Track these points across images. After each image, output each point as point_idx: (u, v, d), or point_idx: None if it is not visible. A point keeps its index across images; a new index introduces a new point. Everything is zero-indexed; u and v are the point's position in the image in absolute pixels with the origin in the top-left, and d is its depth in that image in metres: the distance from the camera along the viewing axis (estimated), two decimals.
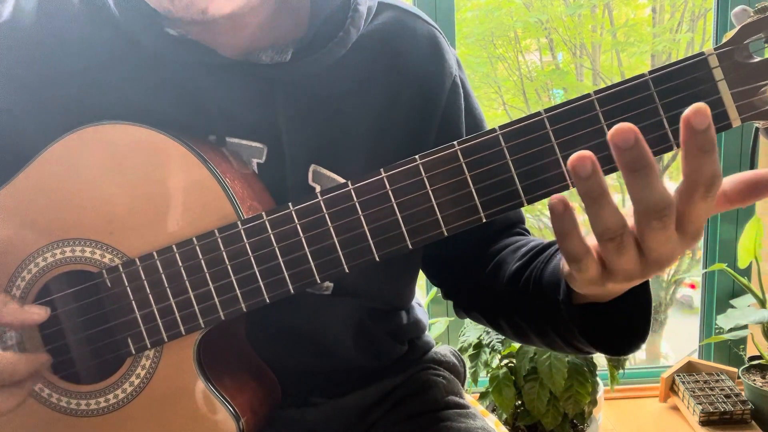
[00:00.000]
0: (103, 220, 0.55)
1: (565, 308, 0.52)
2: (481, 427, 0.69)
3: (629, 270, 0.43)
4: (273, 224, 0.52)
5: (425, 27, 0.68)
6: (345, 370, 0.71)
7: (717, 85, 0.45)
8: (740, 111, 0.45)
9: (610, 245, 0.42)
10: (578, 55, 3.51)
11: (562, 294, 0.51)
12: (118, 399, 0.56)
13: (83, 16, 0.59)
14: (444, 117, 0.67)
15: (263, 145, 0.61)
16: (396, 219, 0.50)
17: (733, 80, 0.45)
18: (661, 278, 3.54)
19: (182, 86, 0.59)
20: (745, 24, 0.45)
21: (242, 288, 0.53)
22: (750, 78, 0.45)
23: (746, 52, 0.45)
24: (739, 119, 0.45)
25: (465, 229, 0.50)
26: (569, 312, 0.52)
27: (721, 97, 0.45)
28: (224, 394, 0.55)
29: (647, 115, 0.46)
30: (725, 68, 0.45)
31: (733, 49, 0.45)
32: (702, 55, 0.45)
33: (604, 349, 0.53)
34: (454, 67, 0.69)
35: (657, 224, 0.40)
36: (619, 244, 0.41)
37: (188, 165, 0.53)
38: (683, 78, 0.45)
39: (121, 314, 0.55)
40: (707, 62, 0.45)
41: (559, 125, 0.47)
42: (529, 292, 0.58)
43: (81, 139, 0.54)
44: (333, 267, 0.52)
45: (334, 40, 0.60)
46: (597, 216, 0.41)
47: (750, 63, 0.45)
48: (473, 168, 0.49)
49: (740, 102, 0.45)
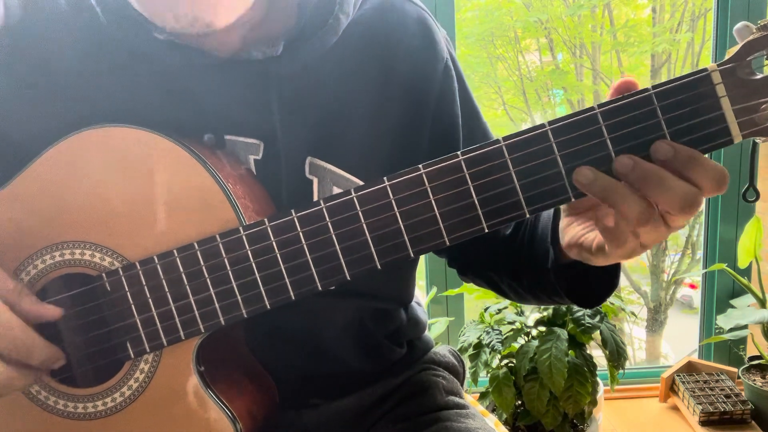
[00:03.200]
0: (103, 223, 0.55)
1: (553, 274, 0.61)
2: (481, 427, 0.69)
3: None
4: (275, 231, 0.52)
5: (414, 9, 0.67)
6: (343, 372, 0.71)
7: (720, 101, 0.45)
8: (742, 127, 0.46)
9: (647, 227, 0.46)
10: (578, 55, 3.50)
11: (550, 262, 0.61)
12: (117, 402, 0.56)
13: (72, 22, 0.58)
14: (438, 102, 0.67)
15: (259, 141, 0.61)
16: (398, 227, 0.50)
17: (736, 97, 0.45)
18: (661, 278, 3.54)
19: (175, 87, 0.59)
20: (748, 41, 0.45)
21: (243, 294, 0.53)
22: (752, 95, 0.45)
23: (748, 69, 0.45)
24: (740, 135, 0.46)
25: (467, 239, 0.50)
26: (556, 276, 0.61)
27: (724, 114, 0.45)
28: (222, 398, 0.55)
29: (650, 130, 0.46)
30: (728, 85, 0.45)
31: (735, 65, 0.45)
32: (705, 71, 0.45)
33: (581, 303, 0.63)
34: (445, 50, 0.68)
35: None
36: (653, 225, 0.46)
37: (190, 169, 0.53)
38: (686, 93, 0.46)
39: (121, 318, 0.55)
40: (710, 78, 0.45)
41: (562, 138, 0.47)
42: (523, 257, 0.67)
43: (82, 141, 0.54)
44: (335, 274, 0.52)
45: (324, 28, 0.60)
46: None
47: (752, 80, 0.45)
48: (476, 178, 0.49)
49: (742, 119, 0.45)
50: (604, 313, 1.53)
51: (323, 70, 0.62)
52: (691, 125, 0.46)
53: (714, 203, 1.95)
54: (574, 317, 1.51)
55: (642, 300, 3.58)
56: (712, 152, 0.48)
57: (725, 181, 0.45)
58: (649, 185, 0.45)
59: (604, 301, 0.61)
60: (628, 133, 0.47)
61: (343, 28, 0.61)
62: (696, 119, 0.46)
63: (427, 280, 1.93)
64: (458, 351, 1.00)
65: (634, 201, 0.45)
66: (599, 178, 0.46)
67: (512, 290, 0.71)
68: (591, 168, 0.47)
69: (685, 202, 0.44)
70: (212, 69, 0.58)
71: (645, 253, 3.24)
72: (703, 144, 0.46)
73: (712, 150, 0.46)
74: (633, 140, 0.47)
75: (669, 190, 0.45)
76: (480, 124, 0.72)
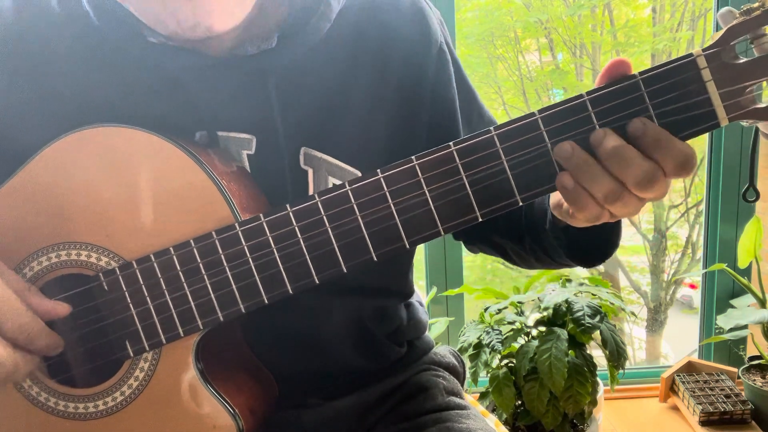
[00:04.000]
0: (98, 222, 0.55)
1: (551, 235, 0.61)
2: (481, 428, 0.69)
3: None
4: (271, 226, 0.52)
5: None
6: (343, 372, 0.71)
7: (706, 85, 0.47)
8: (728, 110, 0.47)
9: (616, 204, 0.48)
10: (578, 55, 3.50)
11: (548, 224, 0.61)
12: (117, 402, 0.56)
13: (65, 23, 0.58)
14: (434, 87, 0.67)
15: (251, 135, 0.61)
16: (393, 219, 0.51)
17: (721, 81, 0.46)
18: (661, 278, 3.54)
19: (168, 88, 0.59)
20: (732, 26, 0.46)
21: (240, 289, 0.53)
22: (737, 78, 0.46)
23: (733, 53, 0.46)
24: (726, 118, 0.47)
25: (461, 229, 0.51)
26: (555, 236, 0.61)
27: (710, 97, 0.47)
28: (223, 394, 0.55)
29: (638, 115, 0.47)
30: (713, 69, 0.46)
31: (720, 50, 0.46)
32: (691, 56, 0.47)
33: (583, 263, 0.64)
34: (439, 33, 0.68)
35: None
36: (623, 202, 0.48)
37: (185, 167, 0.53)
38: (673, 78, 0.47)
39: (119, 317, 0.55)
40: (696, 63, 0.46)
41: (552, 126, 0.48)
42: (523, 219, 0.67)
43: (76, 141, 0.54)
44: (331, 267, 0.52)
45: (316, 15, 0.60)
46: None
47: (737, 64, 0.46)
48: (469, 168, 0.50)
49: (728, 102, 0.47)
50: (604, 313, 1.53)
51: (318, 59, 0.62)
52: (678, 108, 0.47)
53: (714, 203, 1.95)
54: (574, 317, 1.51)
55: (642, 300, 3.58)
56: (708, 138, 0.48)
57: (689, 163, 0.47)
58: (614, 160, 0.47)
59: (607, 258, 0.63)
60: (616, 119, 0.48)
61: (336, 13, 0.61)
62: (683, 102, 0.47)
63: (427, 280, 1.94)
64: (458, 351, 1.00)
65: (602, 181, 0.48)
66: (576, 154, 0.48)
67: (516, 254, 0.72)
68: (571, 143, 0.48)
69: (644, 179, 0.46)
70: (207, 69, 0.58)
71: (645, 253, 3.21)
72: (692, 127, 0.47)
73: (700, 133, 0.48)
74: (622, 126, 0.48)
75: (629, 167, 0.47)
76: (476, 106, 0.72)
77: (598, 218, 0.51)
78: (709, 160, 1.95)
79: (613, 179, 0.48)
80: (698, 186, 3.33)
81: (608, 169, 0.48)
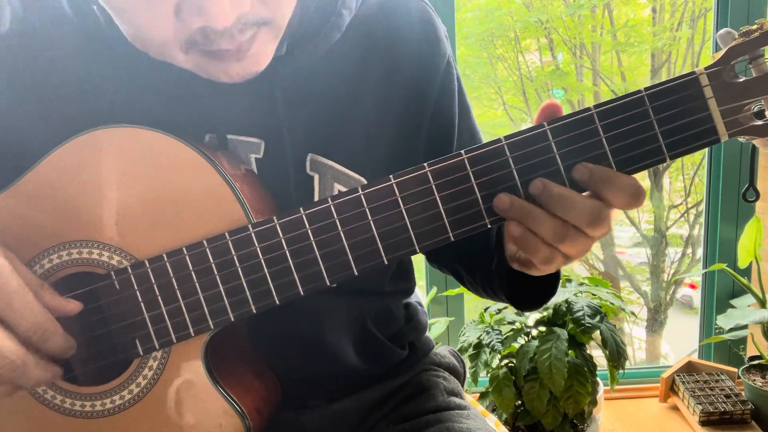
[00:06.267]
0: (111, 221, 0.55)
1: (497, 277, 0.66)
2: (481, 428, 0.69)
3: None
4: (284, 228, 0.53)
5: (417, 4, 0.67)
6: (344, 374, 0.71)
7: (707, 102, 0.49)
8: (728, 127, 0.49)
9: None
10: (578, 56, 3.51)
11: (494, 266, 0.66)
12: (125, 400, 0.57)
13: (75, 26, 0.58)
14: (438, 100, 0.67)
15: (260, 139, 0.61)
16: (405, 224, 0.52)
17: (722, 98, 0.49)
18: (661, 278, 3.55)
19: (178, 90, 0.59)
20: (731, 46, 0.49)
21: (252, 290, 0.53)
22: (736, 96, 0.49)
23: (732, 72, 0.49)
24: (726, 134, 0.49)
25: (470, 234, 0.52)
26: (499, 279, 0.65)
27: (711, 114, 0.49)
28: (231, 394, 0.56)
29: (643, 129, 0.50)
30: (715, 87, 0.49)
31: (721, 69, 0.49)
32: (693, 74, 0.49)
33: (519, 306, 0.67)
34: (447, 46, 0.69)
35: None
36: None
37: (198, 168, 0.54)
38: (676, 95, 0.49)
39: (130, 316, 0.55)
40: (698, 81, 0.49)
41: (561, 137, 0.50)
42: (476, 255, 0.71)
43: (89, 141, 0.54)
44: (342, 270, 0.53)
45: (327, 25, 0.60)
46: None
47: (736, 83, 0.49)
48: (479, 176, 0.51)
49: (728, 119, 0.49)
50: (604, 313, 1.53)
51: (327, 67, 0.62)
52: (681, 125, 0.49)
53: (714, 203, 1.95)
54: (574, 317, 1.52)
55: (642, 300, 3.58)
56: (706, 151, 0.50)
57: (639, 195, 0.49)
58: (556, 205, 0.49)
59: (541, 306, 0.67)
60: (622, 133, 0.50)
61: (347, 24, 0.62)
62: (686, 119, 0.49)
63: (427, 280, 1.94)
64: (458, 351, 1.00)
65: (547, 223, 0.50)
66: (515, 204, 0.51)
67: (469, 284, 0.76)
68: (507, 194, 0.51)
69: (591, 217, 0.49)
70: None
71: (645, 253, 3.22)
72: (693, 142, 0.50)
73: (701, 147, 0.50)
74: (625, 139, 0.50)
75: (573, 208, 0.49)
76: (471, 125, 0.73)
77: (554, 261, 0.52)
78: (709, 161, 1.95)
79: (556, 219, 0.50)
80: (698, 186, 3.34)
81: (551, 211, 0.50)
